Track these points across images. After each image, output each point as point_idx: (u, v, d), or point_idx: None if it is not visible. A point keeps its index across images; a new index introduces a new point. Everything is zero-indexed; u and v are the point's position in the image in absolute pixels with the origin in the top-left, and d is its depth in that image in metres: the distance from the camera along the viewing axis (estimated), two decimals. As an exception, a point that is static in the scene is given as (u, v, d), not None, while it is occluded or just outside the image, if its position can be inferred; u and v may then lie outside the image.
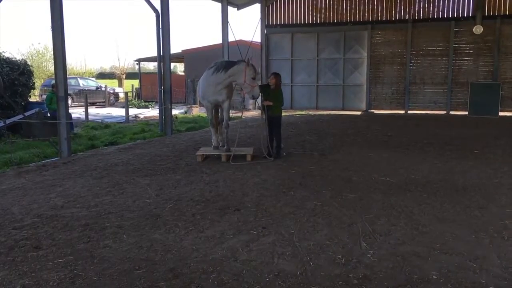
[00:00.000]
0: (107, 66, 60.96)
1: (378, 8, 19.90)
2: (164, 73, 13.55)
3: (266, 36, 21.04)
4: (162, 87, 13.53)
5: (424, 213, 5.54)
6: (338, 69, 20.52)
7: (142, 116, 19.55)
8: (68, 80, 10.77)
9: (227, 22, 18.10)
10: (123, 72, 42.69)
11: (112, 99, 28.58)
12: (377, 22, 19.88)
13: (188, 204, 5.95)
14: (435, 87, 19.36)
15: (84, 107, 18.95)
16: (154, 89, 23.70)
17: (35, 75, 19.11)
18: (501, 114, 17.84)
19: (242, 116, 10.25)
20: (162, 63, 13.64)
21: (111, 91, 29.56)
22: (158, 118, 14.72)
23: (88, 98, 20.72)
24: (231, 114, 10.48)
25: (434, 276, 3.83)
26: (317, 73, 20.66)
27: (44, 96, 18.25)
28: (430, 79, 19.36)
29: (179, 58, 30.73)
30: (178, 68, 49.16)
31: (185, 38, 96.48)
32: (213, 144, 9.52)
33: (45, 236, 4.83)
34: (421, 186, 6.80)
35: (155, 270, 3.98)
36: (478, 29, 18.09)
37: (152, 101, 26.14)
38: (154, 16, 13.55)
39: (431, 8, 19.25)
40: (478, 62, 18.73)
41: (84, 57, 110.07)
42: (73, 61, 42.98)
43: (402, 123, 15.62)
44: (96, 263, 4.14)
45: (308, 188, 6.77)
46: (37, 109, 13.09)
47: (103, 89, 28.38)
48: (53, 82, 13.43)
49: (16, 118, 12.13)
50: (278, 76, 9.27)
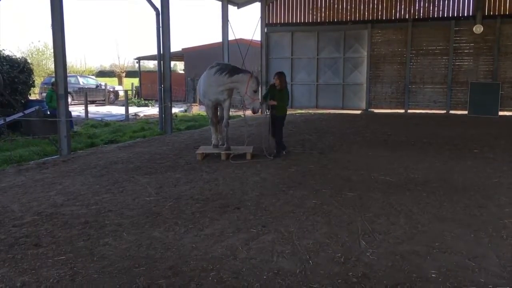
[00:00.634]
0: (107, 64, 60.98)
1: (378, 7, 19.89)
2: (164, 71, 13.54)
3: (266, 35, 21.02)
4: (162, 86, 13.52)
5: (423, 212, 5.55)
6: (338, 68, 20.51)
7: (142, 114, 19.54)
8: (68, 78, 10.77)
9: (227, 20, 18.10)
10: (123, 70, 42.68)
11: (112, 98, 28.58)
12: (377, 21, 19.87)
13: (188, 203, 5.96)
14: (435, 87, 19.36)
15: (84, 105, 18.97)
16: (154, 87, 23.70)
17: (35, 73, 19.10)
18: (500, 113, 17.84)
19: (243, 115, 10.25)
20: (162, 62, 13.64)
21: (111, 89, 29.56)
22: (158, 116, 14.73)
23: (88, 96, 20.75)
24: (231, 113, 10.48)
25: (433, 275, 3.84)
26: (317, 72, 20.65)
27: (44, 94, 18.26)
28: (430, 79, 19.36)
29: (179, 56, 30.75)
30: (178, 66, 49.14)
31: (185, 37, 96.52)
32: (212, 143, 9.53)
33: (45, 234, 4.83)
34: (420, 185, 6.81)
35: (154, 268, 3.99)
36: (478, 28, 18.09)
37: (152, 99, 26.15)
38: (154, 14, 13.55)
39: (431, 7, 19.25)
40: (478, 62, 18.73)
41: (84, 55, 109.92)
42: (73, 59, 42.94)
43: (402, 122, 15.63)
44: (96, 260, 4.15)
45: (307, 186, 6.78)
46: (37, 107, 13.08)
47: (103, 87, 28.37)
48: (53, 80, 13.42)
49: (16, 116, 12.13)
50: (282, 75, 9.20)
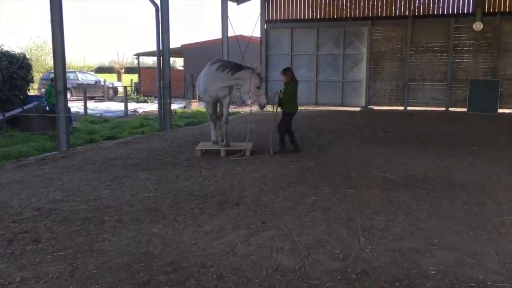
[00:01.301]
0: (106, 61, 60.77)
1: (378, 4, 19.87)
2: (163, 67, 13.52)
3: (265, 31, 21.00)
4: (161, 82, 13.50)
5: (422, 209, 5.56)
6: (337, 65, 20.50)
7: (141, 110, 19.51)
8: (67, 74, 10.74)
9: (227, 17, 18.04)
10: (122, 67, 42.57)
11: (111, 94, 28.50)
12: (377, 18, 19.85)
13: (187, 199, 5.96)
14: (434, 84, 19.37)
15: (83, 101, 18.91)
16: (153, 83, 23.62)
17: (34, 69, 19.06)
18: (500, 111, 17.84)
19: (251, 110, 10.22)
20: (161, 58, 13.61)
21: (110, 86, 29.47)
22: (157, 112, 14.71)
23: (87, 92, 20.67)
24: (230, 109, 10.48)
25: (432, 272, 3.85)
26: (316, 68, 20.64)
27: (43, 90, 18.21)
28: (429, 76, 19.36)
29: (178, 53, 30.65)
30: (177, 63, 49.03)
31: (184, 33, 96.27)
32: (212, 139, 9.52)
33: (44, 230, 4.83)
34: (419, 182, 6.82)
35: (154, 264, 3.99)
36: (478, 25, 18.07)
37: (151, 95, 26.09)
38: (153, 10, 13.51)
39: (431, 4, 19.23)
40: (477, 59, 18.73)
41: (84, 52, 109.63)
42: (73, 58, 42.73)
43: (401, 119, 15.64)
44: (95, 256, 4.15)
45: (307, 183, 6.78)
46: (36, 102, 13.05)
47: (102, 83, 28.30)
48: (52, 76, 13.38)
49: (15, 112, 12.11)
50: (286, 71, 9.18)
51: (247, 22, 75.80)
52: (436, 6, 19.19)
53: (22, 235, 4.68)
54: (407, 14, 19.37)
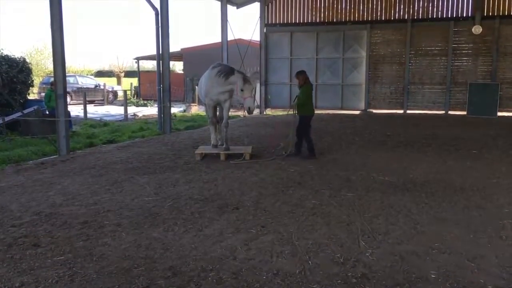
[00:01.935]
0: (106, 64, 60.81)
1: (377, 7, 19.91)
2: (163, 71, 13.53)
3: (265, 35, 21.02)
4: (161, 86, 13.51)
5: (422, 212, 5.55)
6: (337, 68, 20.53)
7: (140, 114, 19.53)
8: (67, 78, 10.74)
9: (227, 20, 18.10)
10: (121, 71, 42.63)
11: (110, 97, 28.53)
12: (376, 21, 19.89)
13: (187, 203, 5.95)
14: (434, 87, 19.39)
15: (82, 105, 18.93)
16: (153, 87, 23.68)
17: (33, 73, 19.07)
18: (499, 114, 17.88)
19: (244, 115, 10.18)
20: (161, 62, 13.62)
21: (110, 89, 29.50)
22: (157, 116, 14.71)
23: (87, 96, 20.71)
24: (230, 113, 10.48)
25: (433, 276, 3.84)
26: (316, 72, 20.65)
27: (43, 94, 18.24)
28: (429, 79, 19.38)
29: (178, 56, 30.71)
30: (177, 66, 49.08)
31: (184, 37, 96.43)
32: (212, 143, 9.52)
33: (43, 234, 4.82)
34: (419, 186, 6.81)
35: (153, 268, 3.98)
36: (477, 29, 18.13)
37: (151, 99, 26.13)
38: (153, 14, 13.53)
39: (431, 8, 19.28)
40: (477, 62, 18.76)
41: (83, 55, 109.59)
42: (73, 63, 42.78)
43: (401, 123, 15.64)
44: (95, 261, 4.14)
45: (306, 187, 6.77)
46: (35, 106, 13.07)
47: (102, 87, 28.33)
48: (51, 80, 13.41)
49: (14, 116, 12.11)
50: (299, 75, 9.15)
51: (247, 26, 76.18)
52: (435, 10, 19.23)
53: (21, 239, 4.67)
54: (406, 18, 19.41)
